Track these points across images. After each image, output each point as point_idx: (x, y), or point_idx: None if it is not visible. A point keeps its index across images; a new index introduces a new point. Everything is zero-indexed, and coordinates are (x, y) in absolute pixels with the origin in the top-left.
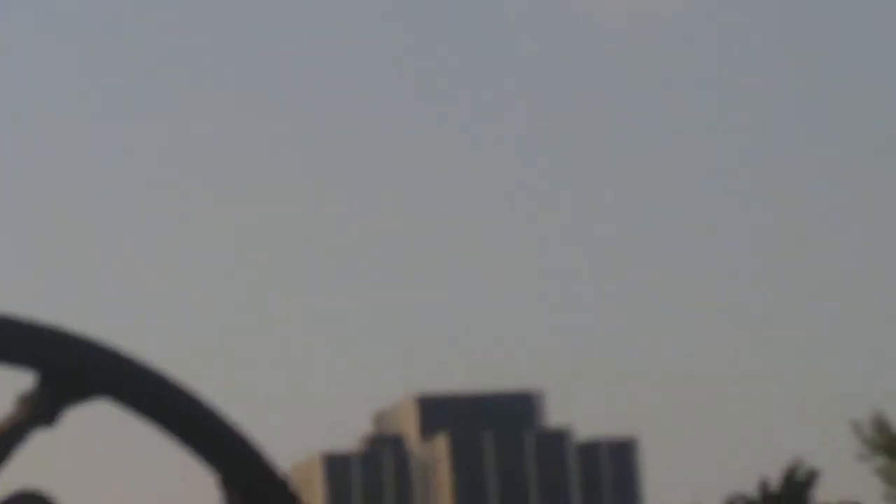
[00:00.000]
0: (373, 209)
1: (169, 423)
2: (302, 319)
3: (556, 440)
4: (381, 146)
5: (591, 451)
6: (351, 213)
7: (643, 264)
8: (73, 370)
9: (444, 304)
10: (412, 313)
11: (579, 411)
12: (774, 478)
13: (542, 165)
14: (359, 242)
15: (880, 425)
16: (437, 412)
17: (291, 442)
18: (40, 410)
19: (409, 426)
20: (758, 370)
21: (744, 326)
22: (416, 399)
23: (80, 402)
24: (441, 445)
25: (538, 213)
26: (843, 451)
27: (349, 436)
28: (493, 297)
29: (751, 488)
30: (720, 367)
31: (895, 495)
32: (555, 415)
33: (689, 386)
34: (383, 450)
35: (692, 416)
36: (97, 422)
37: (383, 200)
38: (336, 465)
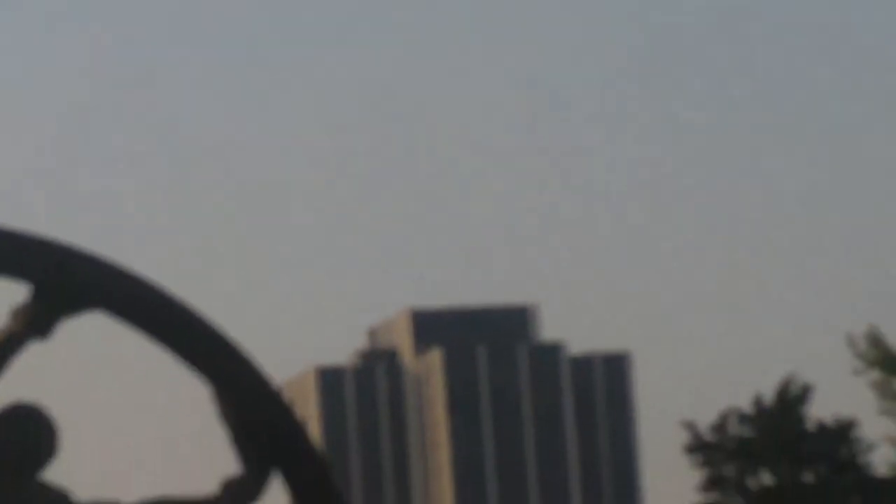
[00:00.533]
0: (369, 126)
1: (163, 335)
2: (297, 235)
3: (550, 354)
4: (375, 37)
5: (584, 365)
6: (346, 126)
7: (638, 179)
8: (67, 283)
9: (438, 219)
10: (407, 228)
11: (573, 326)
12: (768, 393)
13: (529, 80)
14: (354, 157)
15: (875, 340)
16: (430, 327)
17: (285, 356)
18: (34, 323)
19: (402, 341)
20: (752, 286)
21: (738, 242)
22: (409, 313)
23: (73, 315)
24: (434, 359)
25: (530, 128)
26: (838, 367)
27: (343, 350)
28: (486, 212)
29: (745, 403)
30: (714, 282)
31: (890, 409)
32: (548, 329)
33: (683, 301)
34: (377, 364)
35: (686, 331)
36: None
37: (381, 116)
38: (330, 379)
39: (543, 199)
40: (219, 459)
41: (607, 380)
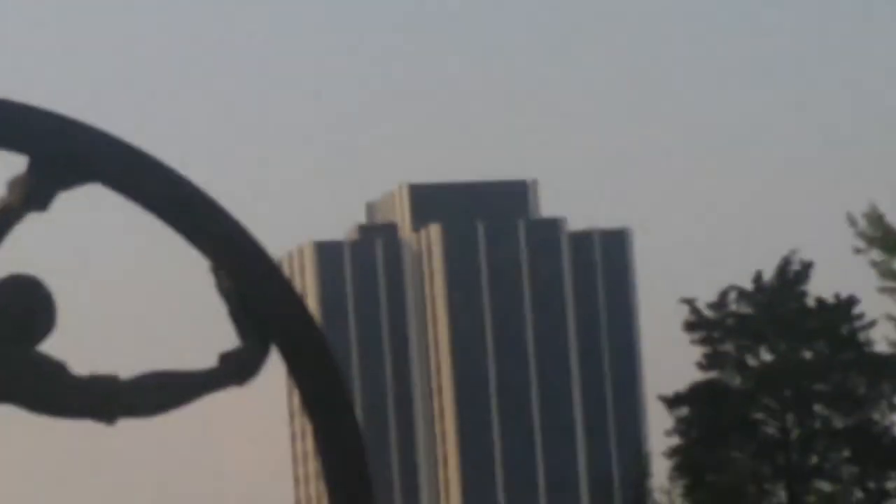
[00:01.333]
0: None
1: (161, 208)
2: (297, 108)
3: (549, 230)
4: None
5: (583, 241)
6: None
7: (636, 51)
8: (65, 154)
9: (438, 94)
10: (407, 103)
11: (572, 202)
12: (769, 270)
13: None
14: (355, 29)
15: (875, 219)
16: (429, 202)
17: (284, 230)
18: (32, 195)
19: (401, 216)
20: (753, 163)
21: (737, 115)
22: (408, 188)
23: (71, 186)
24: (434, 234)
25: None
26: (838, 245)
27: (342, 226)
28: (486, 87)
29: (745, 281)
30: (715, 159)
31: (889, 288)
32: (548, 205)
33: (684, 179)
34: (375, 239)
35: (687, 209)
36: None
37: None
38: (328, 253)
39: (543, 74)
40: (218, 334)
41: (607, 256)
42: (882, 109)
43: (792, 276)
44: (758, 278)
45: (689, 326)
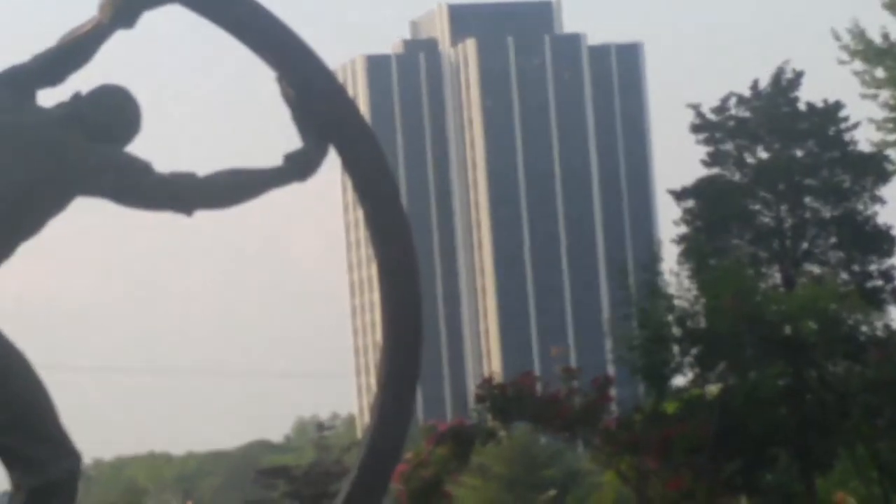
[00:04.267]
0: None
1: (233, 25)
2: None
3: (571, 44)
4: None
5: (601, 53)
6: None
7: None
8: None
9: None
10: None
11: (591, 20)
12: (764, 79)
13: None
14: None
15: (857, 33)
16: (465, 19)
17: (339, 45)
18: (120, 13)
19: (441, 32)
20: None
21: None
22: (447, 7)
23: (155, 6)
24: (470, 48)
25: None
26: (825, 56)
27: (388, 41)
28: None
29: (743, 88)
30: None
31: (871, 94)
32: (569, 22)
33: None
34: (418, 53)
35: (692, 25)
36: (171, 24)
37: None
38: (377, 65)
39: None
40: (283, 136)
41: (621, 67)
42: None
43: (785, 84)
44: (755, 86)
45: (695, 128)
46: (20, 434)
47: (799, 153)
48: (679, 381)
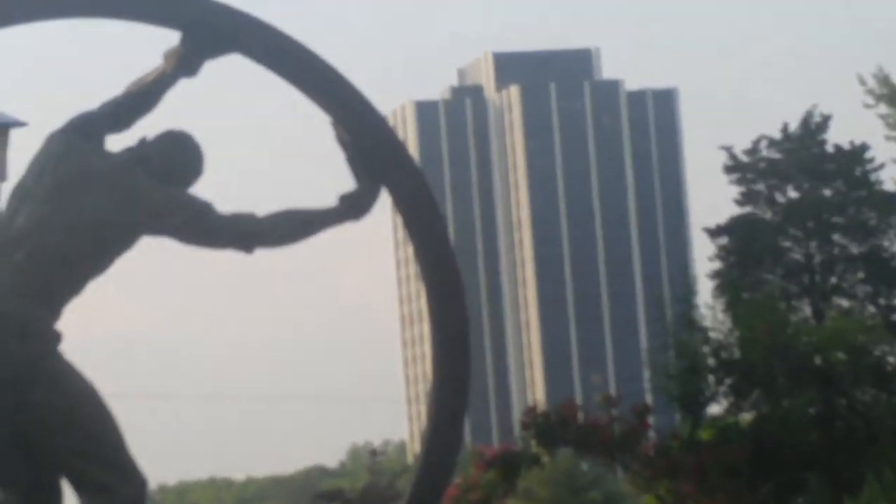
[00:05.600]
0: None
1: (290, 73)
2: None
3: (609, 90)
4: None
5: (638, 99)
6: None
7: None
8: (212, 29)
9: None
10: None
11: (629, 66)
12: (794, 122)
13: None
14: None
15: (882, 78)
16: (510, 66)
17: (389, 92)
18: (184, 62)
19: (486, 78)
20: (781, 35)
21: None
22: (492, 55)
23: (216, 56)
24: (514, 94)
25: None
26: (851, 101)
27: (437, 87)
28: None
29: (774, 131)
30: (750, 27)
31: (894, 136)
32: (608, 69)
33: (725, 45)
34: (465, 98)
35: (727, 72)
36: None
37: None
38: (426, 111)
39: None
40: (338, 178)
41: (658, 111)
42: None
43: (814, 127)
44: (785, 129)
45: (728, 169)
46: (91, 461)
47: (827, 192)
48: (714, 409)
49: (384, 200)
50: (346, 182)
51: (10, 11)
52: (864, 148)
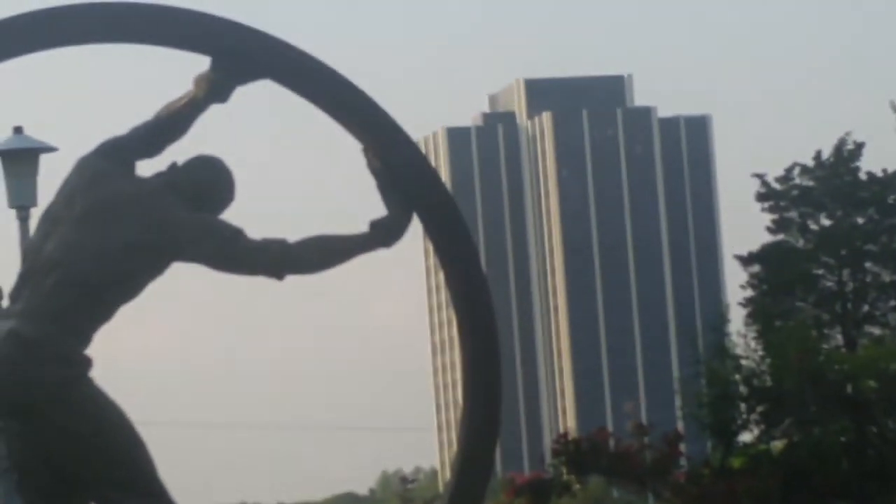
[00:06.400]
0: None
1: (321, 99)
2: (438, 14)
3: (642, 116)
4: None
5: (671, 125)
6: None
7: None
8: (242, 54)
9: (551, 4)
10: (525, 7)
11: (662, 93)
12: (827, 150)
13: None
14: None
15: None
16: (542, 93)
17: (422, 118)
18: (215, 88)
19: (518, 105)
20: (814, 63)
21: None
22: (524, 82)
23: (247, 81)
24: (546, 121)
25: None
26: (884, 128)
27: (468, 114)
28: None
29: (807, 159)
30: (784, 61)
31: None
32: (641, 96)
33: (757, 73)
34: (497, 125)
35: (759, 98)
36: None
37: None
38: (458, 137)
39: None
40: (369, 205)
41: (690, 138)
42: None
43: (846, 154)
44: (818, 156)
45: (760, 197)
46: (126, 489)
47: (860, 220)
48: (745, 436)
49: (415, 227)
50: (377, 208)
51: (37, 38)
52: None
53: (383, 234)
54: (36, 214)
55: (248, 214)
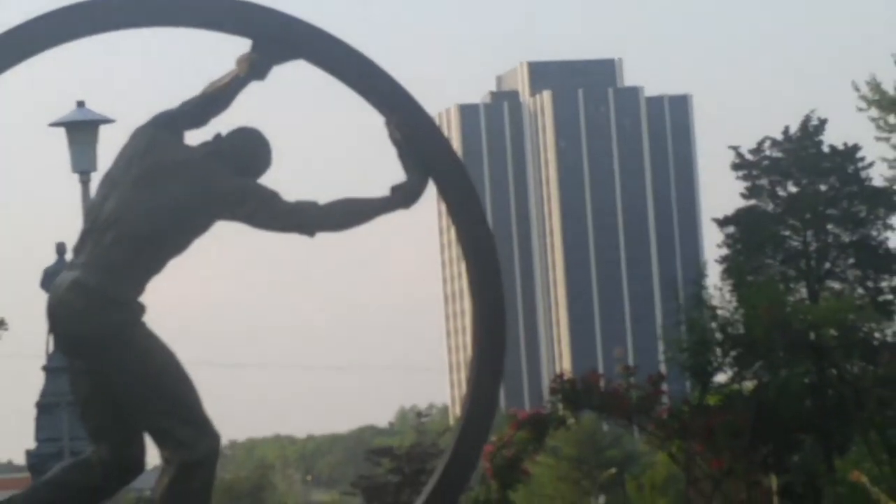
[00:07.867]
0: None
1: (350, 79)
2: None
3: (631, 95)
4: None
5: (656, 103)
6: None
7: None
8: (280, 36)
9: None
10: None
11: (648, 73)
12: (794, 125)
13: None
14: None
15: (874, 85)
16: (543, 74)
17: (438, 96)
18: (255, 67)
19: (522, 85)
20: (783, 43)
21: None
22: (527, 64)
23: (284, 61)
24: (546, 99)
25: None
26: (845, 105)
27: (478, 92)
28: None
29: (776, 132)
30: (757, 39)
31: (883, 137)
32: (630, 76)
33: (734, 54)
34: (503, 102)
35: (734, 78)
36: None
37: None
38: (468, 113)
39: None
40: (389, 171)
41: (673, 114)
42: None
43: (811, 129)
44: (786, 131)
45: (735, 166)
46: (174, 419)
47: (823, 187)
48: (720, 378)
49: (430, 190)
50: (397, 175)
51: (82, 24)
52: (856, 148)
53: (403, 196)
54: (96, 179)
55: (283, 180)
